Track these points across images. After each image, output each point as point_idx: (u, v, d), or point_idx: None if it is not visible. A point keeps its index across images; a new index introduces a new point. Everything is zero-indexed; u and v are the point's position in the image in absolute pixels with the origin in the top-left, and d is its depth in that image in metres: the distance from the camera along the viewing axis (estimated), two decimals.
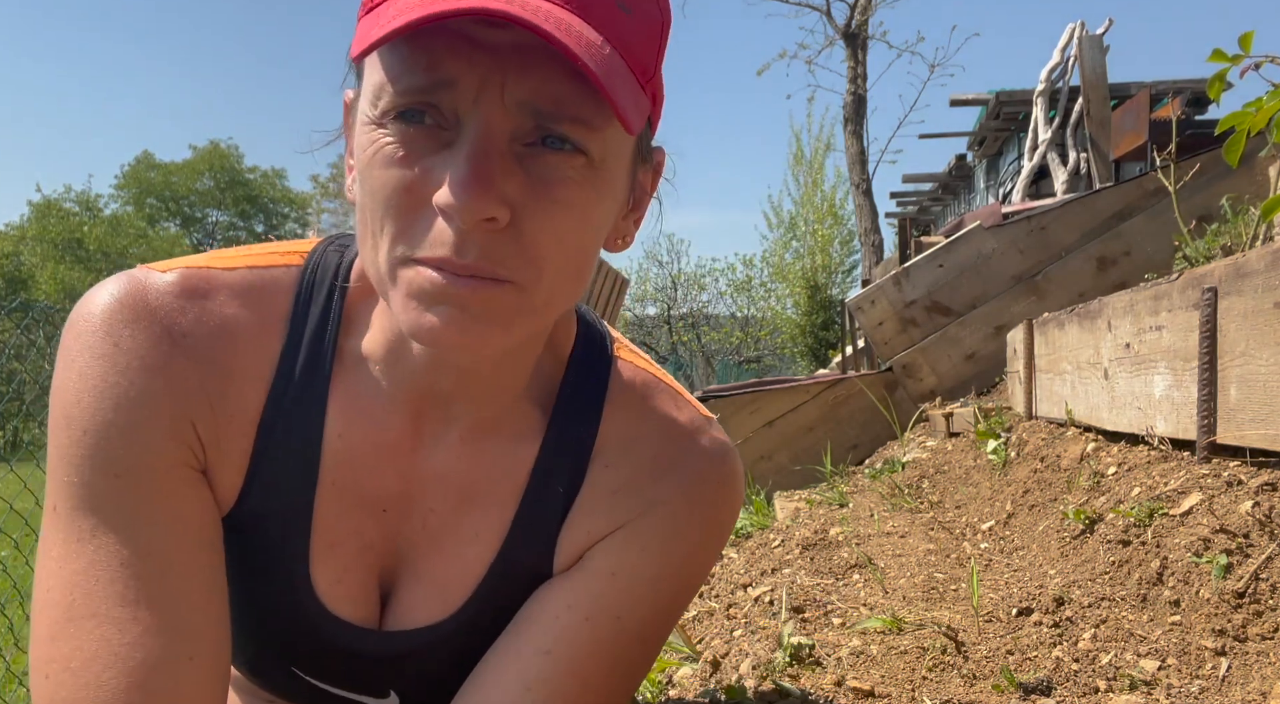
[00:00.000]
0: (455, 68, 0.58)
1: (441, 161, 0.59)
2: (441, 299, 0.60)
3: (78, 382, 0.67)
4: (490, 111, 0.58)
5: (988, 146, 10.82)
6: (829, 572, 1.68)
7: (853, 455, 3.56)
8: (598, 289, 4.67)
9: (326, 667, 0.79)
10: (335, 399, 0.73)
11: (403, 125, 0.60)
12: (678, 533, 0.75)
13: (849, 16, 13.05)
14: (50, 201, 29.74)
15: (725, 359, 20.51)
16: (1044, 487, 1.88)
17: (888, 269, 6.40)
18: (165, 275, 0.70)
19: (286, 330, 0.72)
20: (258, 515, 0.73)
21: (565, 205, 0.61)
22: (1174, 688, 1.01)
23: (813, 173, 17.14)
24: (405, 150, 0.60)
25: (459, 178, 0.57)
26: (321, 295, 0.74)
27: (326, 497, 0.74)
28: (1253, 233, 2.41)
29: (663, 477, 0.76)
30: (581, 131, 0.60)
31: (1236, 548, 1.12)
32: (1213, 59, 1.45)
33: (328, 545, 0.75)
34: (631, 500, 0.76)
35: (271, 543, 0.74)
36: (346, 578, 0.76)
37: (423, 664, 0.79)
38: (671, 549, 0.75)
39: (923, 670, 1.15)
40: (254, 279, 0.73)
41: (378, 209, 0.61)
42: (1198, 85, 7.18)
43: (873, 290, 3.82)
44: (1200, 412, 1.36)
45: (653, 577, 0.75)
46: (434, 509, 0.76)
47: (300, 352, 0.72)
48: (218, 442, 0.71)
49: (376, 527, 0.76)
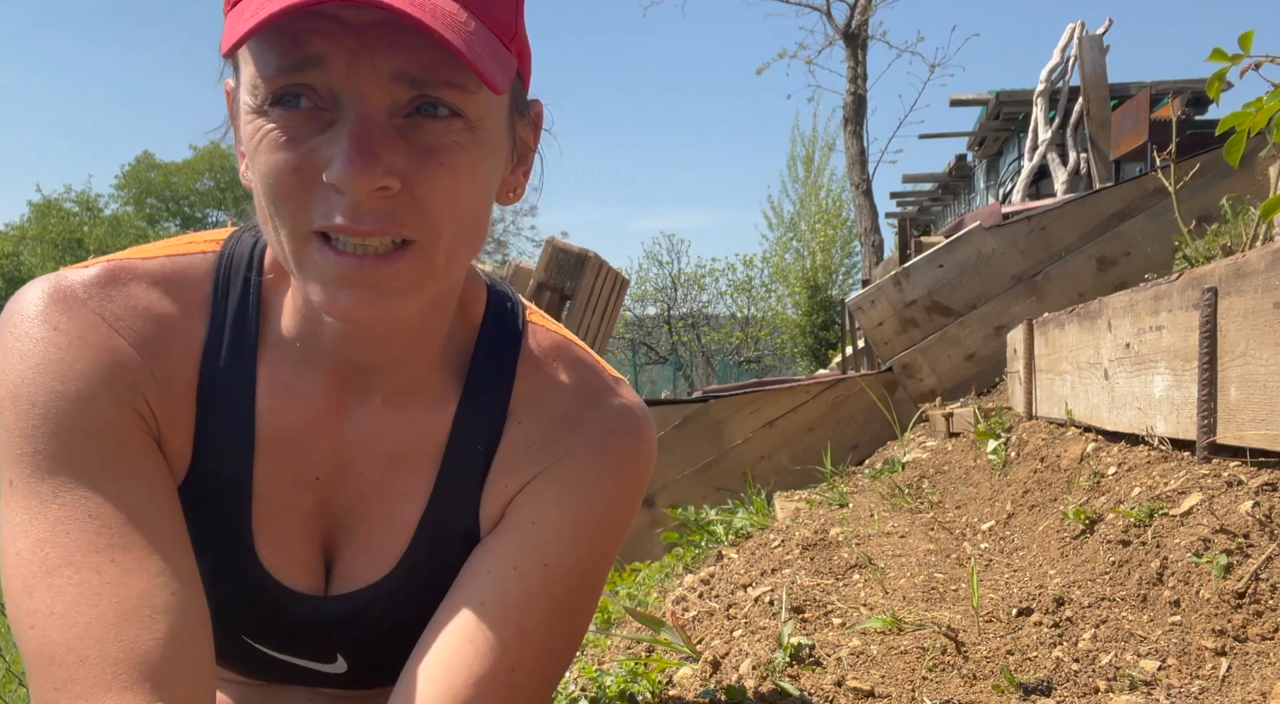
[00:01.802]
0: (322, 46, 0.60)
1: (326, 140, 0.62)
2: (353, 283, 0.64)
3: (19, 363, 0.69)
4: (365, 86, 0.61)
5: (988, 147, 10.81)
6: (829, 572, 1.67)
7: (853, 455, 3.56)
8: (598, 289, 4.67)
9: (274, 634, 0.82)
10: (263, 378, 0.77)
11: (282, 110, 0.62)
12: (589, 482, 0.78)
13: (849, 16, 13.05)
14: (50, 202, 29.77)
15: (725, 359, 20.50)
16: (1044, 487, 1.88)
17: (888, 269, 6.40)
18: (87, 270, 0.74)
19: (209, 316, 0.76)
20: (203, 486, 0.76)
21: (452, 167, 0.64)
22: (1174, 688, 1.01)
23: (813, 173, 17.14)
24: (288, 134, 0.62)
25: (345, 152, 0.61)
26: (239, 280, 0.77)
27: (263, 470, 0.77)
28: (1253, 233, 2.41)
29: (572, 430, 0.79)
30: (455, 95, 0.63)
31: (1236, 548, 1.12)
32: (1213, 59, 1.45)
33: (267, 515, 0.78)
34: (543, 453, 0.79)
35: (217, 514, 0.77)
36: (287, 546, 0.79)
37: (365, 627, 0.82)
38: (585, 496, 0.78)
39: (923, 670, 1.15)
40: (171, 268, 0.76)
41: (271, 192, 0.64)
42: (1198, 85, 7.17)
43: (873, 290, 3.82)
44: (1200, 412, 1.36)
45: (570, 522, 0.77)
46: (363, 474, 0.80)
47: (224, 335, 0.76)
48: (167, 414, 0.74)
49: (312, 496, 0.80)
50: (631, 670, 1.44)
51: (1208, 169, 3.45)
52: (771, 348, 19.13)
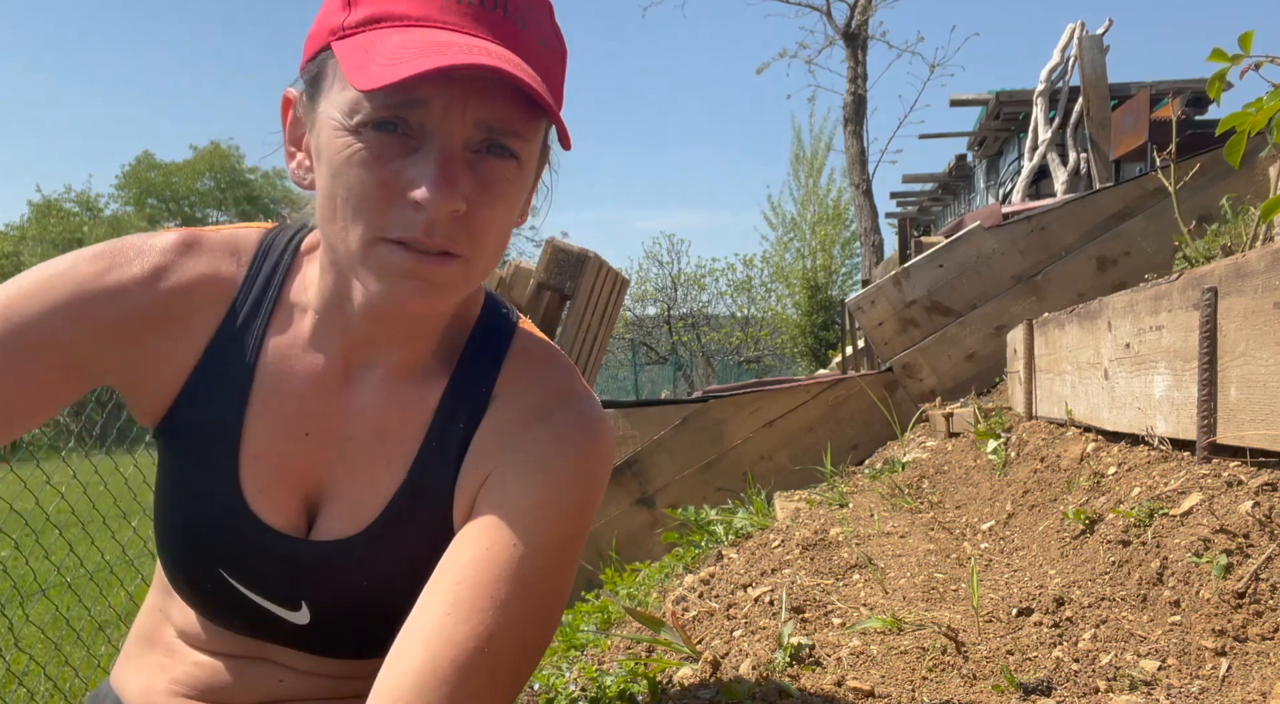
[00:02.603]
0: (429, 92, 0.73)
1: (409, 164, 0.74)
2: (412, 275, 0.76)
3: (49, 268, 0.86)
4: (454, 126, 0.75)
5: (988, 147, 10.82)
6: (829, 572, 1.67)
7: (853, 455, 3.56)
8: (598, 289, 4.67)
9: (248, 569, 0.88)
10: (273, 332, 0.89)
11: (377, 133, 0.74)
12: (551, 469, 0.86)
13: (849, 16, 13.05)
14: (50, 202, 29.76)
15: (725, 359, 20.51)
16: (1044, 487, 1.88)
17: (888, 269, 6.40)
18: (168, 235, 0.89)
19: (246, 273, 0.90)
20: (193, 421, 0.87)
21: (502, 199, 0.78)
22: (1174, 688, 1.01)
23: (813, 173, 17.14)
24: (378, 154, 0.74)
25: (433, 179, 0.73)
26: (275, 255, 0.91)
27: (255, 412, 0.88)
28: (1253, 233, 2.41)
29: (539, 423, 0.88)
30: (517, 142, 0.77)
31: (1236, 548, 1.12)
32: (1212, 59, 1.45)
33: (255, 458, 0.88)
34: (510, 441, 0.88)
35: (207, 447, 0.87)
36: (271, 489, 0.88)
37: (335, 578, 0.89)
38: (548, 483, 0.85)
39: (923, 671, 1.15)
40: (230, 236, 0.91)
41: (353, 200, 0.75)
42: (1198, 85, 7.18)
43: (873, 290, 3.82)
44: (1200, 412, 1.36)
45: (535, 506, 0.84)
46: (352, 438, 0.89)
47: (253, 287, 0.89)
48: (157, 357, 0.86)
49: (300, 450, 0.89)
50: (631, 670, 1.44)
51: (1208, 169, 3.45)
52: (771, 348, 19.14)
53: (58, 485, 3.38)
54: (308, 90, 0.80)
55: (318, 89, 0.79)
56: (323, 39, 0.78)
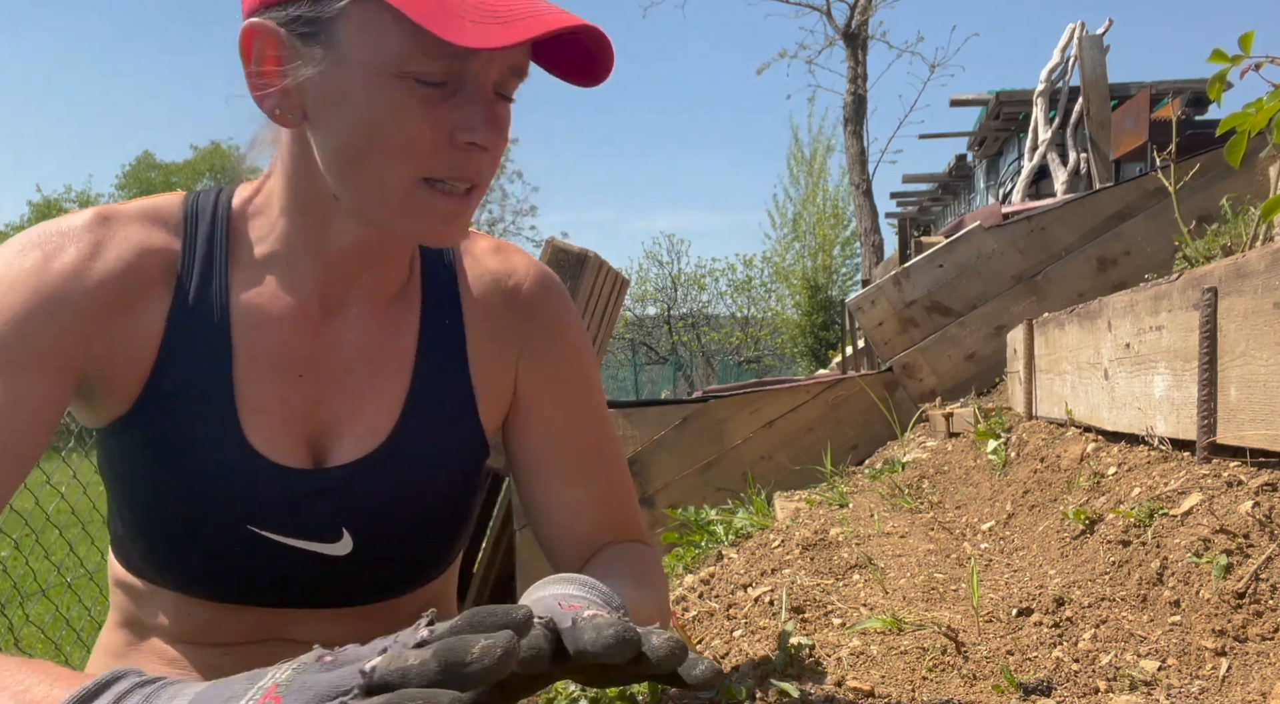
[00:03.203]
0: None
1: (452, 107, 0.77)
2: (455, 217, 0.81)
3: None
4: (491, 71, 0.78)
5: (988, 147, 10.82)
6: (829, 572, 1.68)
7: (853, 455, 3.56)
8: (598, 289, 4.67)
9: (277, 514, 0.89)
10: (236, 288, 0.88)
11: (421, 83, 0.76)
12: (561, 324, 1.01)
13: (849, 16, 13.06)
14: (50, 201, 29.75)
15: (725, 359, 20.50)
16: (1044, 487, 1.88)
17: (888, 269, 6.40)
18: (80, 214, 0.87)
19: (182, 236, 0.88)
20: (177, 392, 0.86)
21: (507, 137, 0.84)
22: (1174, 688, 1.01)
23: (813, 174, 17.14)
24: (424, 100, 0.76)
25: (489, 121, 0.78)
26: (206, 217, 0.89)
27: (242, 367, 0.87)
28: (1253, 233, 2.41)
29: (516, 292, 0.99)
30: (517, 83, 0.82)
31: (1236, 548, 1.12)
32: (1213, 59, 1.45)
33: (254, 410, 0.87)
34: (512, 328, 0.98)
35: (200, 414, 0.86)
36: (278, 435, 0.88)
37: (365, 498, 0.91)
38: (564, 336, 1.01)
39: (923, 671, 1.15)
40: (147, 206, 0.89)
41: (397, 146, 0.77)
42: (1198, 85, 7.18)
43: (873, 290, 3.82)
44: (1200, 412, 1.36)
45: (570, 355, 1.01)
46: (349, 370, 0.92)
47: (195, 257, 0.87)
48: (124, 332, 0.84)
49: (299, 393, 0.89)
50: None
51: (1208, 169, 3.45)
52: (771, 348, 19.14)
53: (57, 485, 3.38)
54: (307, 28, 0.77)
55: (331, 31, 0.76)
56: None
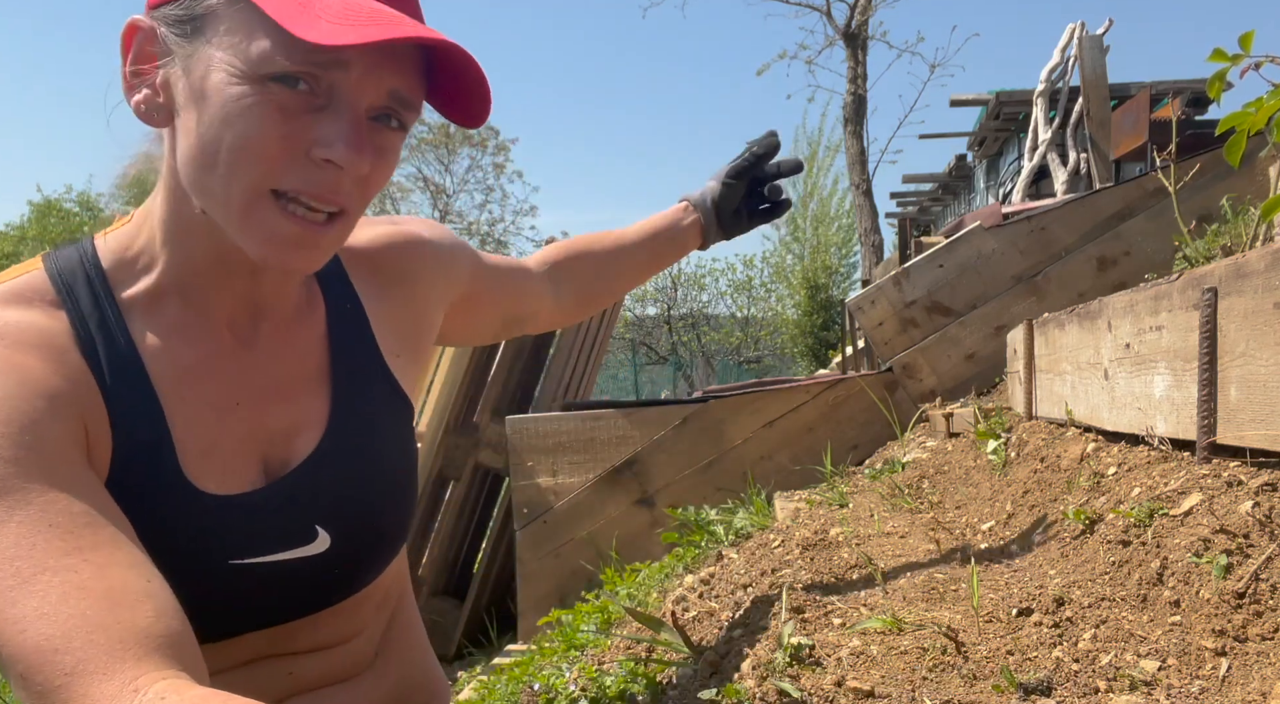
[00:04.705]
0: (352, 56, 0.74)
1: (314, 122, 0.75)
2: (301, 243, 0.78)
3: None
4: (367, 92, 0.76)
5: (988, 147, 10.81)
6: (829, 572, 1.67)
7: (853, 456, 3.56)
8: None
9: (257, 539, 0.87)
10: (141, 340, 0.83)
11: (281, 86, 0.74)
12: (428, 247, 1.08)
13: (849, 17, 13.06)
14: (50, 202, 29.72)
15: (725, 359, 20.50)
16: (1044, 487, 1.88)
17: (888, 269, 6.40)
18: None
19: (66, 312, 0.81)
20: (128, 458, 0.80)
21: (390, 166, 0.82)
22: (1174, 688, 1.01)
23: (813, 174, 17.13)
24: (281, 107, 0.74)
25: (348, 140, 0.75)
26: (79, 279, 0.83)
27: (176, 414, 0.84)
28: (1253, 233, 2.41)
29: (403, 265, 1.04)
30: (410, 115, 0.81)
31: (1236, 548, 1.12)
32: (1213, 59, 1.45)
33: (201, 455, 0.84)
34: (398, 284, 1.04)
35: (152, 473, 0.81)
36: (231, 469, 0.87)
37: (327, 489, 0.91)
38: (436, 248, 1.09)
39: (923, 671, 1.15)
40: (8, 290, 0.81)
41: (247, 148, 0.74)
42: (1198, 85, 7.18)
43: (873, 291, 3.82)
44: (1200, 412, 1.36)
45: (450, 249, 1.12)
46: (278, 382, 0.92)
47: (88, 323, 0.81)
48: (86, 410, 0.78)
49: (239, 422, 0.88)
50: (631, 670, 1.44)
51: (1208, 169, 3.45)
52: (771, 348, 19.13)
53: None
54: (180, 28, 0.76)
55: (201, 30, 0.75)
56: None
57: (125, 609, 0.65)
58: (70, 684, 0.62)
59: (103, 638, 0.63)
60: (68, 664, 0.62)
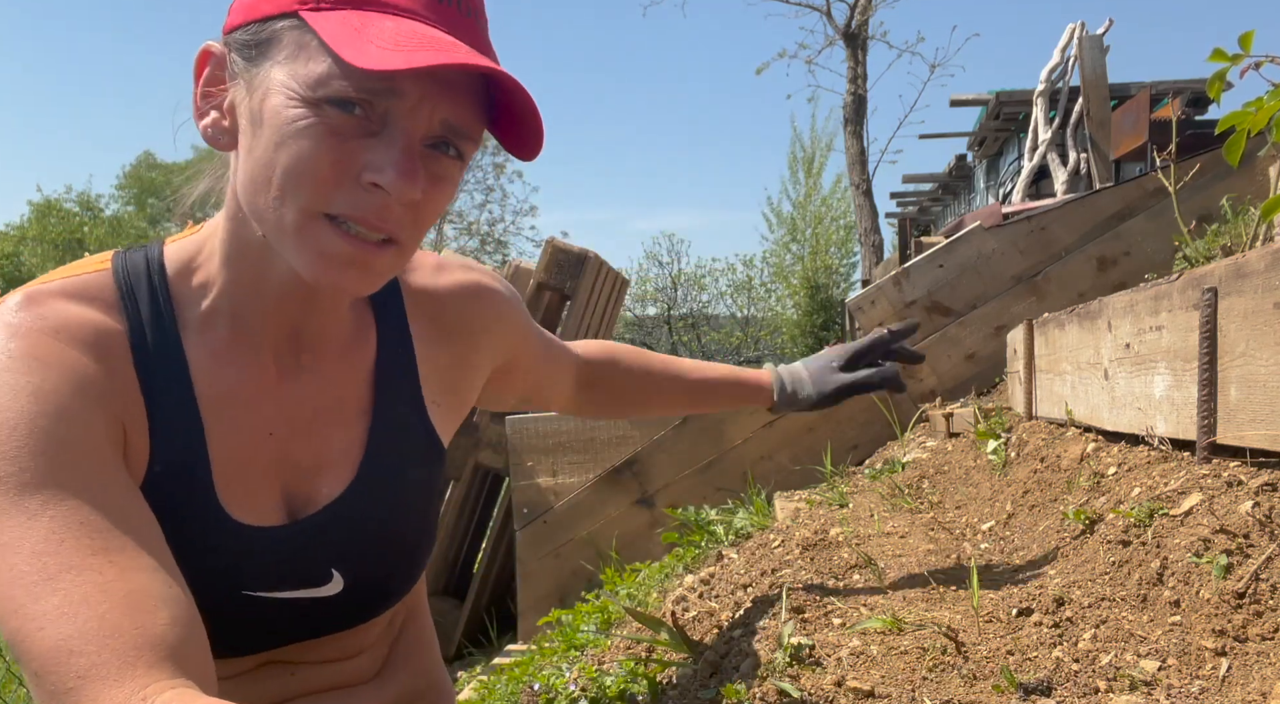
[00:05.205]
0: (407, 84, 0.74)
1: (367, 147, 0.75)
2: (353, 263, 0.77)
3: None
4: (420, 120, 0.76)
5: (988, 147, 10.82)
6: (829, 572, 1.67)
7: (853, 456, 3.56)
8: (598, 289, 4.66)
9: (272, 574, 0.88)
10: (194, 357, 0.85)
11: (337, 110, 0.74)
12: (497, 314, 1.08)
13: (849, 17, 13.05)
14: (50, 202, 29.72)
15: (725, 359, 20.49)
16: (1044, 487, 1.88)
17: (888, 269, 6.40)
18: (6, 300, 0.79)
19: (125, 316, 0.82)
20: (162, 471, 0.82)
21: (445, 195, 0.81)
22: (1174, 688, 1.01)
23: (813, 174, 17.13)
24: (335, 131, 0.74)
25: (399, 166, 0.74)
26: (142, 284, 0.84)
27: (216, 437, 0.85)
28: (1253, 233, 2.41)
29: (469, 318, 1.03)
30: (468, 145, 0.80)
31: (1236, 548, 1.12)
32: (1213, 59, 1.45)
33: (231, 479, 0.86)
34: (457, 337, 1.02)
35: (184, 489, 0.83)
36: (254, 499, 0.87)
37: (348, 537, 0.92)
38: (504, 319, 1.09)
39: (923, 671, 1.15)
40: (75, 284, 0.82)
41: (301, 170, 0.74)
42: (1198, 85, 7.18)
43: (872, 290, 3.82)
44: (1200, 412, 1.36)
45: (516, 325, 1.11)
46: (314, 419, 0.91)
47: (145, 330, 0.82)
48: (125, 411, 0.79)
49: (268, 452, 0.89)
50: (631, 670, 1.44)
51: (1208, 169, 3.45)
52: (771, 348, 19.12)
53: None
54: (247, 52, 0.78)
55: (265, 53, 0.77)
56: (282, 5, 0.76)
57: (143, 614, 0.66)
58: (81, 688, 0.63)
59: (118, 643, 0.64)
60: (81, 667, 0.63)
